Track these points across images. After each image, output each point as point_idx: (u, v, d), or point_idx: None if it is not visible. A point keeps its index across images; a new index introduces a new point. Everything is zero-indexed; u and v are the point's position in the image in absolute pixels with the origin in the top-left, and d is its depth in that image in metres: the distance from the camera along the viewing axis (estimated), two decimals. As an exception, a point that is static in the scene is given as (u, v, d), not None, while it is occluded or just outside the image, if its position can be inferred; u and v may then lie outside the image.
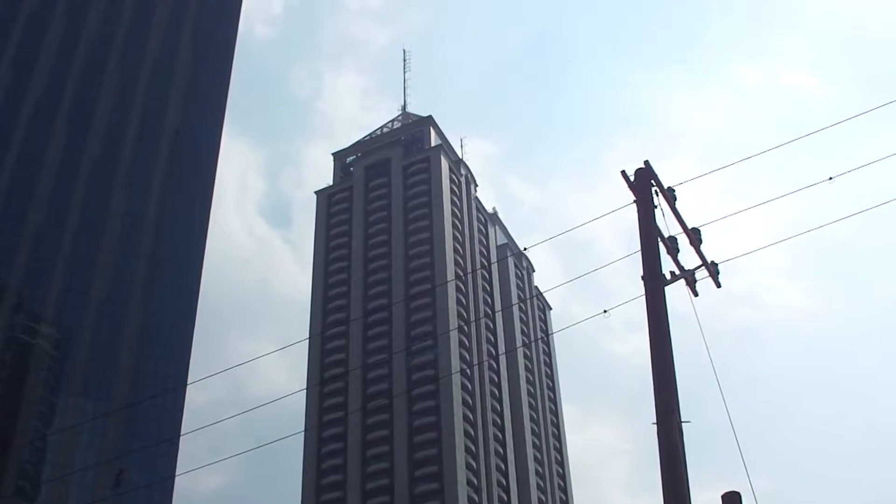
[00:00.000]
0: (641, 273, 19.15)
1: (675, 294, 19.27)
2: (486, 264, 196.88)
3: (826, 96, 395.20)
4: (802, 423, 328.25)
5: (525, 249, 26.48)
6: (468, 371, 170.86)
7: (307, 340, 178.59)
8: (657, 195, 20.02)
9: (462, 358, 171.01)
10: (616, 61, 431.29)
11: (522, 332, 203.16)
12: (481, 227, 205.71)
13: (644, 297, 18.79)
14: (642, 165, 20.36)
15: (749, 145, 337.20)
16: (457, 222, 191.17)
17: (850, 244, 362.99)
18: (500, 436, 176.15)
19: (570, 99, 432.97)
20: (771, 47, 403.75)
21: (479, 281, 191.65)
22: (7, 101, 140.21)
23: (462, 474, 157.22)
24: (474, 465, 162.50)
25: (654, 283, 18.89)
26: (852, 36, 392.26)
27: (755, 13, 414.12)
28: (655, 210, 19.82)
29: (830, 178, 20.76)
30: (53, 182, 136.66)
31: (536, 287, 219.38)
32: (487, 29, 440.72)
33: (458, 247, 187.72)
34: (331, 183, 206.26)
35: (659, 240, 19.67)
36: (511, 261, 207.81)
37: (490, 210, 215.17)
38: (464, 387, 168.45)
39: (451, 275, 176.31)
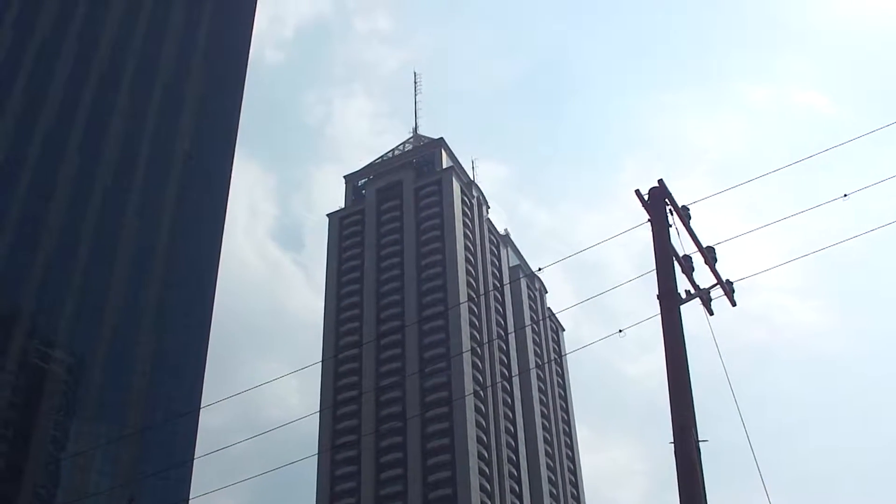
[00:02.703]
0: (655, 293, 19.11)
1: (687, 313, 19.24)
2: (499, 286, 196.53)
3: (837, 115, 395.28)
4: (817, 443, 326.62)
5: (539, 270, 26.38)
6: (482, 393, 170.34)
7: (320, 363, 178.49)
8: (671, 214, 19.97)
9: (475, 380, 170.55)
10: (626, 84, 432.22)
11: (535, 353, 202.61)
12: (493, 248, 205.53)
13: (660, 315, 18.75)
14: (656, 185, 20.31)
15: (761, 165, 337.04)
16: (469, 244, 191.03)
17: (862, 262, 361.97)
18: (513, 458, 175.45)
19: (581, 121, 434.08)
20: (780, 67, 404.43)
21: (492, 302, 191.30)
22: (19, 129, 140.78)
23: (476, 497, 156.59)
24: (488, 487, 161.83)
25: (670, 302, 18.84)
26: (862, 54, 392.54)
27: (764, 34, 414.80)
28: (670, 229, 19.78)
29: (845, 196, 20.67)
30: (65, 208, 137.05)
31: (549, 308, 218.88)
32: (498, 51, 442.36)
33: (471, 268, 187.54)
34: (343, 206, 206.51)
35: (673, 258, 19.62)
36: (524, 282, 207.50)
37: (502, 231, 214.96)
38: (477, 409, 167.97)
39: (463, 296, 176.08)
